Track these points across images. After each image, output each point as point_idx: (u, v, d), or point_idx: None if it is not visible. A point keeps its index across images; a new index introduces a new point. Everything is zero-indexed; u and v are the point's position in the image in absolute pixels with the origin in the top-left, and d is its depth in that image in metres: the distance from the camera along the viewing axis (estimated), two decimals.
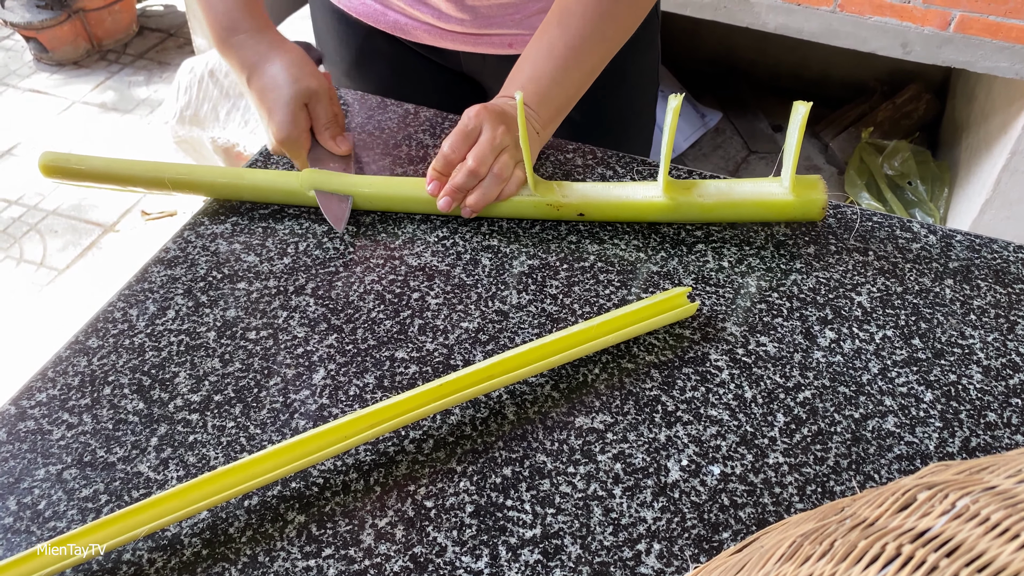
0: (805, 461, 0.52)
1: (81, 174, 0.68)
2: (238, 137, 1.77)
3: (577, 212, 0.66)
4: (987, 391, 0.56)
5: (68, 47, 2.48)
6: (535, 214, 0.67)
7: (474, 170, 0.65)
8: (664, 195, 0.65)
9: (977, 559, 0.27)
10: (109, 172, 0.68)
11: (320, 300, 0.61)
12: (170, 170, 0.68)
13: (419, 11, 0.82)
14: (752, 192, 0.65)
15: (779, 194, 0.64)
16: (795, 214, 0.65)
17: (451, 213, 0.67)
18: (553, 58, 0.68)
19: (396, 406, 0.51)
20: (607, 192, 0.66)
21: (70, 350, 0.58)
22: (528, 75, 0.69)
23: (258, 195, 0.69)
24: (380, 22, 0.85)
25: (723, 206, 0.65)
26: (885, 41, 1.52)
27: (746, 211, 0.65)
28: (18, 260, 1.91)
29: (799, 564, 0.32)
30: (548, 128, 0.70)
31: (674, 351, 0.58)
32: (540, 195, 0.66)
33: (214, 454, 0.52)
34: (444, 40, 0.84)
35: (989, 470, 0.33)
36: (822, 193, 0.64)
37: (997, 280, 0.64)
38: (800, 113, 0.60)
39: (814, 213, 0.65)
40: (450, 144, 0.66)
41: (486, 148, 0.65)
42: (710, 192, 0.65)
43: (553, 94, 0.69)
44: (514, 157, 0.67)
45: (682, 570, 0.46)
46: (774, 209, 0.65)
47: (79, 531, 0.45)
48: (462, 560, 0.47)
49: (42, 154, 0.67)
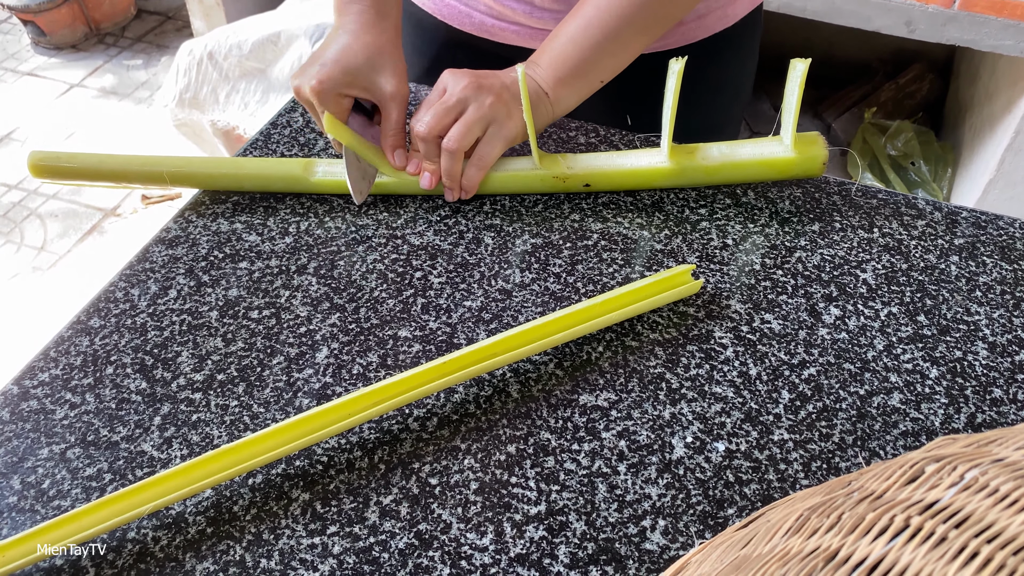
0: (810, 438, 0.52)
1: (72, 172, 0.65)
2: (238, 120, 1.76)
3: (583, 183, 0.66)
4: (993, 367, 0.56)
5: (66, 30, 2.46)
6: (541, 188, 0.67)
7: (453, 151, 0.63)
8: (669, 160, 0.65)
9: (986, 530, 0.27)
10: (102, 169, 0.65)
11: (322, 279, 0.61)
12: (167, 163, 0.66)
13: (510, 7, 0.76)
14: (754, 152, 0.65)
15: (780, 152, 0.64)
16: (797, 171, 0.65)
17: (434, 192, 0.66)
18: (576, 18, 0.65)
19: (399, 384, 0.50)
20: (612, 161, 0.66)
21: (72, 330, 0.58)
22: (551, 36, 0.66)
23: (259, 184, 0.67)
24: (465, 24, 0.80)
25: (726, 167, 0.65)
26: (889, 19, 1.50)
27: (749, 171, 0.66)
28: (19, 245, 1.90)
29: (806, 537, 0.32)
30: (560, 91, 0.66)
31: (678, 329, 0.58)
32: (545, 168, 0.66)
33: (217, 433, 0.52)
34: (534, 40, 0.78)
35: (997, 442, 0.33)
36: (823, 149, 0.64)
37: (1003, 256, 0.64)
38: (798, 71, 0.61)
39: (815, 169, 0.65)
40: (428, 123, 0.63)
41: (472, 127, 0.62)
42: (713, 155, 0.65)
43: (568, 52, 0.65)
44: (500, 136, 0.64)
45: (687, 546, 0.46)
46: (776, 167, 0.65)
47: (83, 509, 0.45)
48: (467, 537, 0.46)
49: (30, 153, 0.64)
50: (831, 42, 2.13)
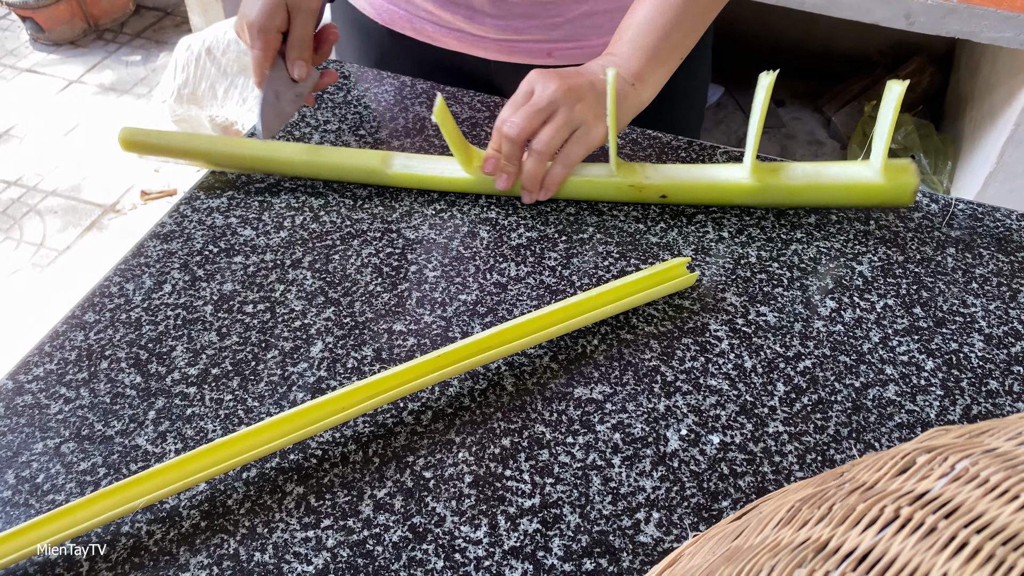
0: (805, 430, 0.52)
1: (160, 149, 0.68)
2: (236, 115, 1.76)
3: (659, 194, 0.64)
4: (989, 359, 0.56)
5: (64, 26, 2.46)
6: (616, 196, 0.65)
7: (542, 152, 0.62)
8: (751, 176, 0.63)
9: (976, 520, 0.27)
10: (188, 147, 0.68)
11: (317, 273, 0.61)
12: (250, 146, 0.67)
13: (449, 12, 0.77)
14: (841, 175, 0.62)
15: (869, 177, 0.62)
16: (885, 199, 0.63)
17: (510, 193, 0.66)
18: (645, 3, 0.64)
19: (394, 377, 0.50)
20: (691, 173, 0.64)
21: (67, 325, 0.58)
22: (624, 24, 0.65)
23: (335, 174, 0.68)
24: (406, 29, 0.80)
25: (811, 189, 0.63)
26: (889, 12, 1.50)
27: (835, 195, 0.63)
28: (18, 241, 1.90)
29: (797, 528, 0.32)
30: (647, 78, 0.65)
31: (673, 321, 0.58)
32: (622, 176, 0.64)
33: (212, 427, 0.52)
34: (475, 47, 0.79)
35: (989, 433, 0.33)
36: (915, 176, 0.61)
37: (999, 248, 0.64)
38: (895, 93, 0.58)
39: (905, 198, 0.62)
40: (519, 126, 0.62)
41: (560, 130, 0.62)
42: (797, 175, 0.63)
43: (647, 38, 0.63)
44: (586, 141, 0.63)
45: (681, 538, 0.46)
46: (863, 193, 0.62)
47: (78, 503, 0.45)
48: (461, 530, 0.46)
49: (121, 129, 0.67)
50: (831, 35, 2.13)
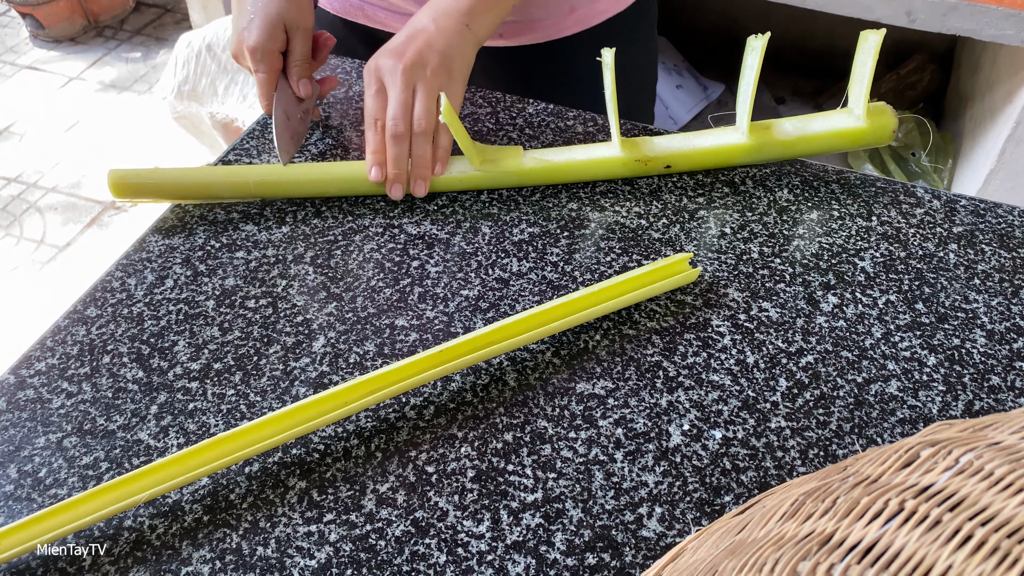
0: (807, 425, 0.52)
1: (154, 190, 0.63)
2: (237, 112, 1.76)
3: (664, 164, 0.68)
4: (991, 355, 0.56)
5: (64, 23, 2.45)
6: (624, 172, 0.68)
7: (395, 133, 0.62)
8: (748, 137, 0.66)
9: (980, 513, 0.27)
10: (185, 183, 0.64)
11: (319, 268, 0.61)
12: (252, 173, 0.64)
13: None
14: (827, 125, 0.67)
15: (852, 123, 0.66)
16: (868, 140, 0.67)
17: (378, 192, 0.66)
18: None
19: (396, 372, 0.50)
20: (692, 142, 0.68)
21: (68, 319, 0.58)
22: None
23: (346, 189, 0.66)
24: (359, 17, 0.81)
25: (802, 141, 0.67)
26: (890, 9, 1.50)
27: (823, 143, 0.67)
28: (18, 238, 1.90)
29: (801, 521, 0.32)
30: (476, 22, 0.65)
31: (675, 317, 0.58)
32: (627, 152, 0.67)
33: (214, 421, 0.52)
34: None
35: (993, 427, 0.33)
36: (892, 117, 0.66)
37: (1001, 244, 0.64)
38: (871, 42, 0.62)
39: (885, 137, 0.67)
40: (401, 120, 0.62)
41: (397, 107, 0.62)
42: (788, 130, 0.67)
43: None
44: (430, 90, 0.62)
45: (684, 533, 0.46)
46: (849, 138, 0.67)
47: (80, 497, 0.45)
48: (464, 524, 0.46)
49: (109, 172, 0.62)
50: (832, 33, 2.13)
